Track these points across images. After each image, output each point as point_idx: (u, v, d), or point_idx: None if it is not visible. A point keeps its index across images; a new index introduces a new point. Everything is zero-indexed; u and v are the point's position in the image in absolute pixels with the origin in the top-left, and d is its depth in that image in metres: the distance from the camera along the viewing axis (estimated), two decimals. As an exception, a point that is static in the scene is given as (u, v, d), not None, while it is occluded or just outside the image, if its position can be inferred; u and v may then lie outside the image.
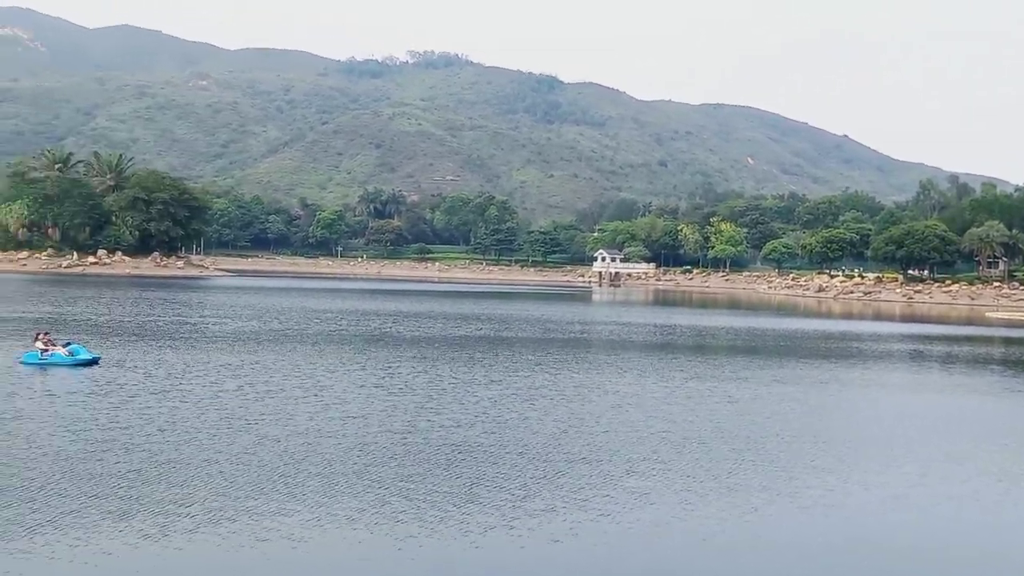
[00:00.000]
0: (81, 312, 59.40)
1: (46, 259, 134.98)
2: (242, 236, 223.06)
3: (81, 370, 31.64)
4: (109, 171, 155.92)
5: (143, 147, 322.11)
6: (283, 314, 63.80)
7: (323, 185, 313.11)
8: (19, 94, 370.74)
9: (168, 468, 18.60)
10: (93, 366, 32.42)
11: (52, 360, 32.31)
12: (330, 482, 17.95)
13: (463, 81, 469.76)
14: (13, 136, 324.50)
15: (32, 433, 21.49)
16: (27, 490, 16.60)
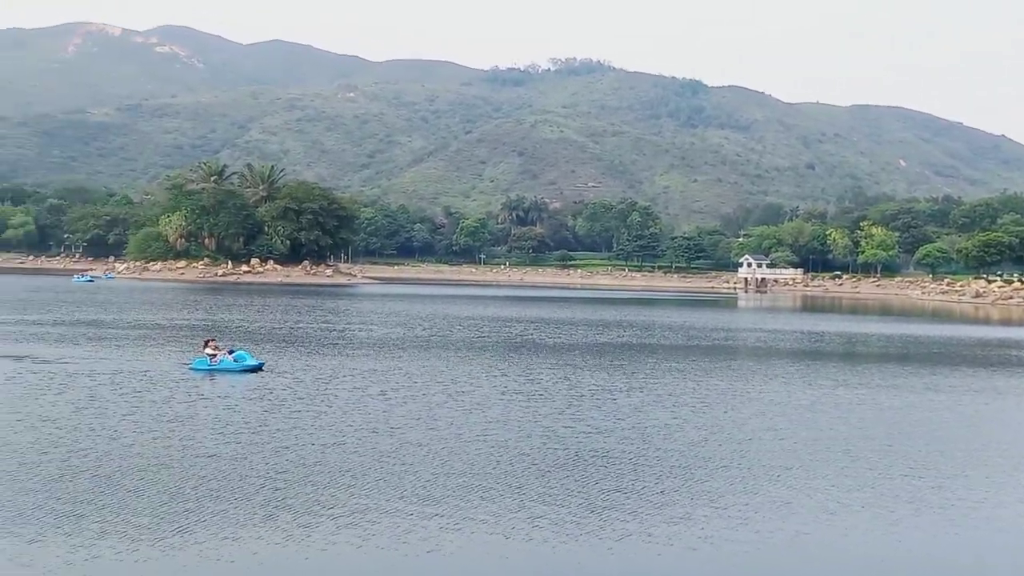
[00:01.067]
0: (234, 319, 61.46)
1: (203, 268, 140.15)
2: (388, 245, 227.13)
3: (246, 376, 32.71)
4: (261, 182, 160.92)
5: (294, 158, 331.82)
6: (427, 321, 64.72)
7: (466, 193, 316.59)
8: (178, 109, 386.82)
9: (314, 471, 19.09)
10: (257, 372, 33.46)
11: (220, 366, 33.45)
12: (469, 486, 18.11)
13: (605, 87, 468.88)
14: (173, 150, 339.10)
15: (193, 435, 22.35)
16: (182, 490, 17.26)
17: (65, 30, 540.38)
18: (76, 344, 41.82)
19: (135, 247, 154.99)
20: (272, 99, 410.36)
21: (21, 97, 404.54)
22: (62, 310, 64.77)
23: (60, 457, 19.64)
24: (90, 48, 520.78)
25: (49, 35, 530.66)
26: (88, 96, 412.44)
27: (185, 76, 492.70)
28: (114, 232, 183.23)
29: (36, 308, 65.93)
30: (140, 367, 34.27)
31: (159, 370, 33.66)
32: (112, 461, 19.41)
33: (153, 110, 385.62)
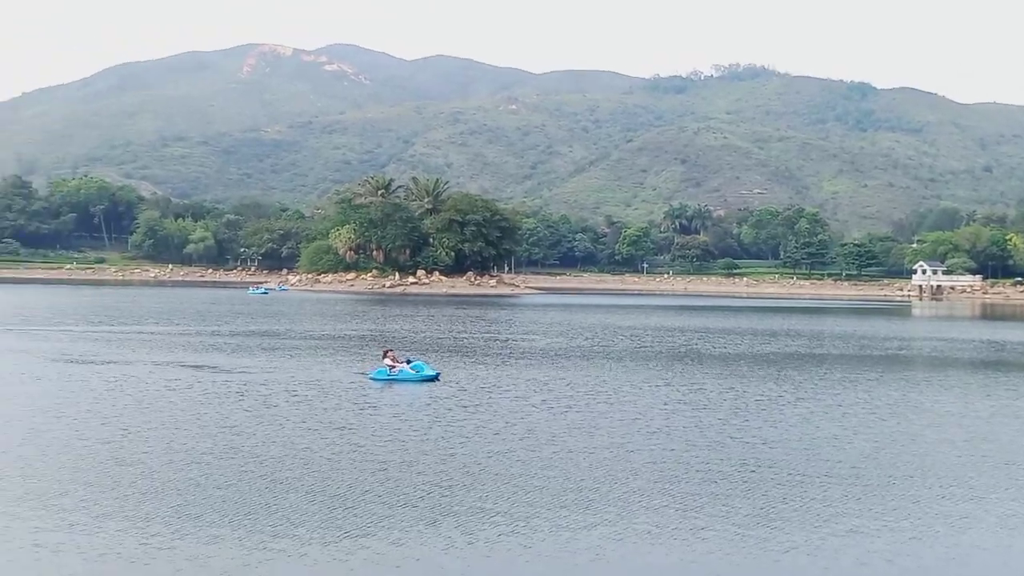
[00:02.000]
0: (400, 329, 62.79)
1: (371, 279, 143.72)
2: (551, 255, 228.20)
3: (423, 385, 33.32)
4: (426, 195, 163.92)
5: (457, 171, 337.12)
6: (589, 330, 64.68)
7: (628, 202, 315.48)
8: (346, 125, 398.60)
9: (478, 478, 19.32)
10: (433, 382, 33.95)
11: (400, 376, 34.09)
12: (632, 496, 18.00)
13: (769, 92, 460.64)
14: (342, 165, 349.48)
15: (364, 443, 22.91)
16: (353, 495, 17.72)
17: (241, 52, 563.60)
18: (252, 354, 43.44)
19: (307, 260, 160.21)
20: (436, 113, 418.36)
21: (201, 117, 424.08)
22: (238, 321, 67.41)
23: (238, 463, 20.42)
24: (264, 69, 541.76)
25: (226, 57, 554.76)
26: (263, 115, 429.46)
27: (353, 93, 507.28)
28: (287, 245, 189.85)
29: (214, 319, 68.80)
30: (317, 377, 35.25)
31: (336, 380, 34.57)
32: (287, 467, 20.07)
33: (323, 127, 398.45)
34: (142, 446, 21.97)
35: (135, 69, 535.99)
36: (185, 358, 41.08)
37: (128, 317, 69.67)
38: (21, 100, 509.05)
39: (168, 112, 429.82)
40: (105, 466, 19.94)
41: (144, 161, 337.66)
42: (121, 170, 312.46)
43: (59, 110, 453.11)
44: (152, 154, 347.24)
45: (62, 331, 55.02)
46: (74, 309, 79.29)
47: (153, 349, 45.03)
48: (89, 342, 48.26)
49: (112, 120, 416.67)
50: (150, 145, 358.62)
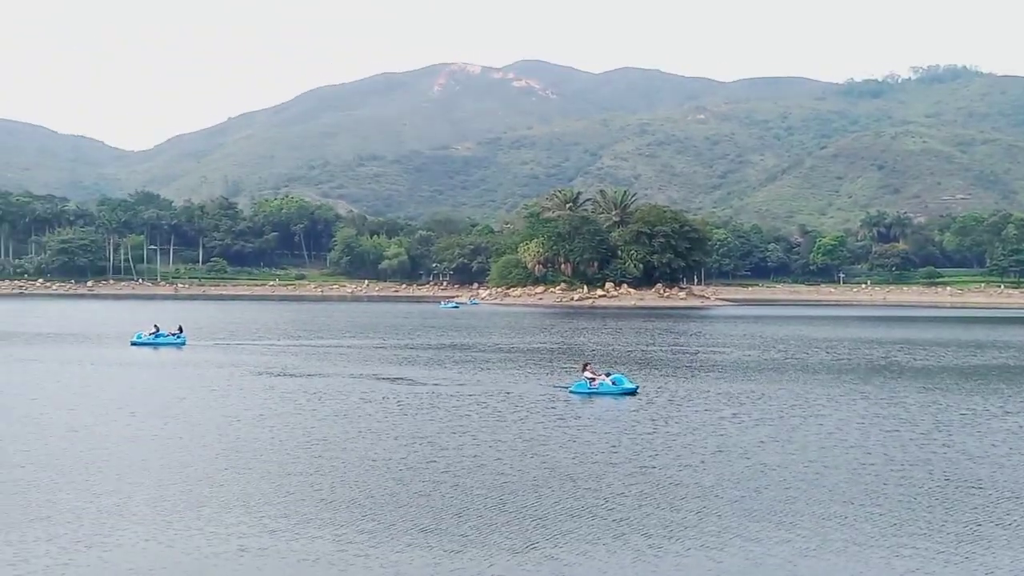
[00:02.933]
0: (588, 342, 62.82)
1: (560, 292, 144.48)
2: (741, 265, 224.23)
3: (624, 399, 33.18)
4: (614, 207, 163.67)
5: (645, 182, 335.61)
6: (782, 342, 63.16)
7: (822, 211, 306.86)
8: (534, 140, 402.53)
9: (668, 491, 19.13)
10: (633, 395, 33.78)
11: (600, 390, 34.04)
12: (826, 511, 17.45)
13: (972, 93, 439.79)
14: (529, 179, 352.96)
15: (553, 455, 23.03)
16: (540, 508, 17.79)
17: (431, 72, 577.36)
18: (444, 367, 44.28)
19: (497, 274, 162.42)
20: (623, 125, 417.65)
21: (394, 136, 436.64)
22: (430, 335, 68.88)
23: (431, 473, 20.81)
24: (454, 87, 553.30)
25: (417, 77, 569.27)
26: (452, 132, 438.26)
27: (540, 108, 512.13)
28: (477, 260, 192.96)
29: (407, 333, 70.52)
30: (508, 389, 35.60)
31: (530, 392, 34.81)
32: (478, 478, 20.36)
33: (511, 142, 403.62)
34: (340, 456, 22.67)
35: (331, 92, 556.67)
36: (380, 371, 42.21)
37: (326, 331, 72.20)
38: (227, 125, 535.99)
39: (362, 132, 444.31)
40: (305, 475, 20.66)
41: (340, 180, 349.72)
42: (319, 189, 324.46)
43: (261, 133, 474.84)
44: (347, 173, 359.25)
45: (266, 345, 57.47)
46: (276, 324, 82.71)
47: (350, 362, 46.47)
48: (290, 356, 50.22)
49: (310, 141, 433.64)
50: (346, 165, 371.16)
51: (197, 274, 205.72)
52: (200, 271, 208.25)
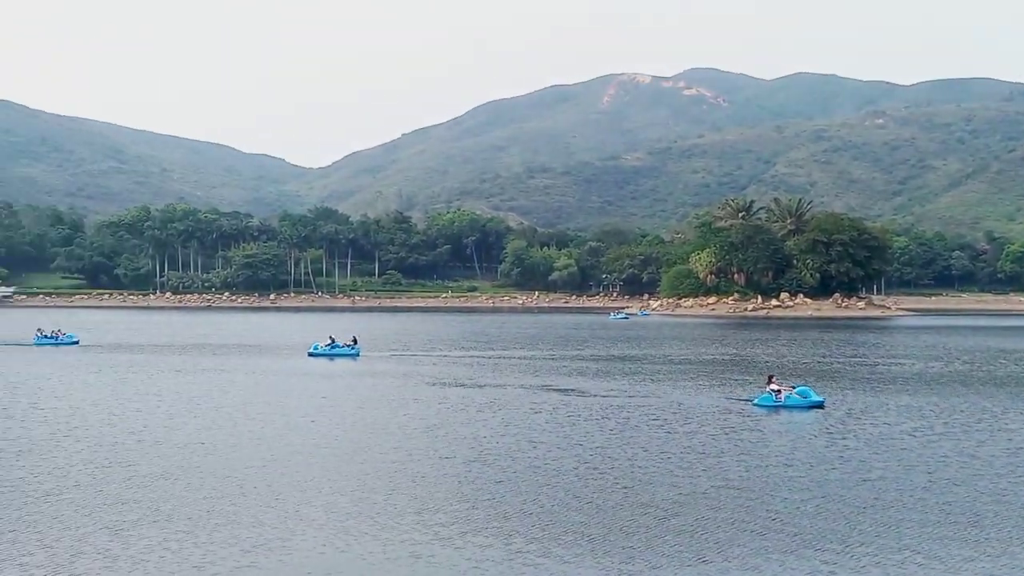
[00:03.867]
0: (761, 354, 61.48)
1: (732, 303, 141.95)
2: (924, 274, 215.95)
3: (811, 412, 32.41)
4: (789, 216, 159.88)
5: (821, 190, 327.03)
6: (967, 354, 60.45)
7: (1011, 216, 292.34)
8: (705, 149, 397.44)
9: (846, 506, 18.58)
10: (820, 408, 32.94)
11: (787, 402, 33.33)
12: (1016, 532, 16.63)
13: None
14: (700, 188, 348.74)
15: (729, 466, 22.65)
16: (710, 521, 17.50)
17: (601, 83, 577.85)
18: (614, 378, 44.09)
19: (667, 284, 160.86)
20: (797, 132, 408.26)
21: (564, 148, 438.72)
22: (600, 346, 68.71)
23: (600, 484, 20.75)
24: (623, 97, 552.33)
25: (587, 89, 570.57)
26: (622, 142, 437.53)
27: (711, 116, 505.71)
28: (648, 271, 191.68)
29: (576, 344, 70.53)
30: (687, 402, 35.19)
31: (707, 405, 34.35)
32: (647, 489, 20.20)
33: (681, 151, 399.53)
34: (511, 465, 22.83)
35: (502, 106, 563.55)
36: (550, 382, 42.32)
37: (497, 342, 72.90)
38: (401, 141, 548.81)
39: (533, 145, 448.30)
40: (476, 484, 20.90)
41: (511, 193, 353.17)
42: (490, 202, 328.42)
43: (434, 148, 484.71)
44: (518, 186, 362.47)
45: (438, 356, 58.42)
46: (448, 335, 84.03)
47: (520, 373, 46.78)
48: (462, 366, 50.91)
49: (481, 155, 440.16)
50: (516, 177, 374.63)
51: (373, 286, 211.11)
52: (376, 283, 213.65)
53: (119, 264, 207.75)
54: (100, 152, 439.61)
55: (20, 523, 17.43)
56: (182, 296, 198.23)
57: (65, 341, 68.10)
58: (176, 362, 54.00)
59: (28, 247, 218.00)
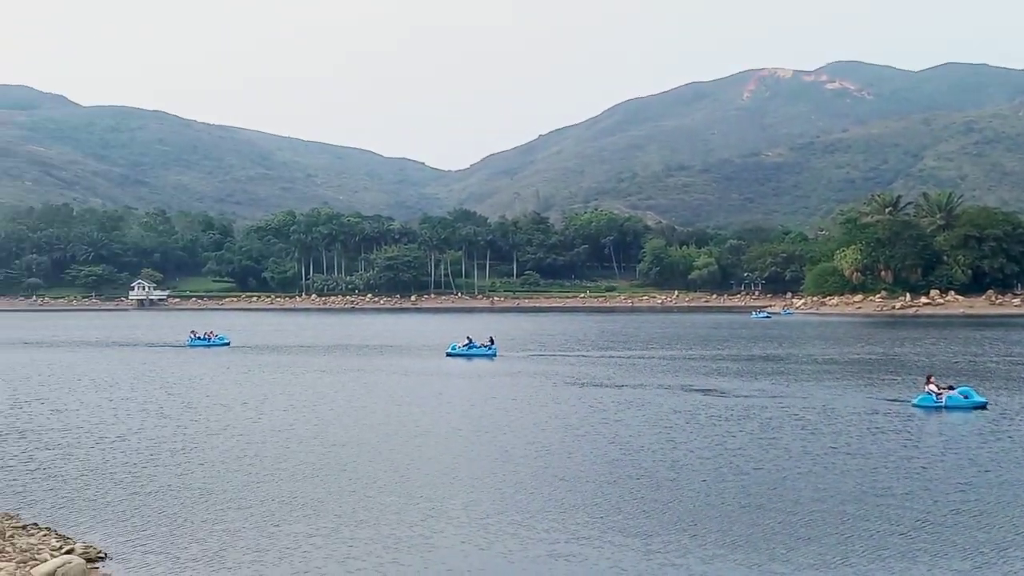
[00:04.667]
0: (908, 353, 59.57)
1: (879, 301, 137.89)
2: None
3: (973, 413, 31.37)
4: (938, 211, 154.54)
5: (972, 183, 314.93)
6: None
7: None
8: (849, 143, 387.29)
9: (1000, 510, 17.99)
10: (982, 410, 31.82)
11: (947, 403, 32.23)
12: None
13: None
14: (845, 184, 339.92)
15: (876, 470, 22.03)
16: (855, 523, 17.06)
17: (740, 78, 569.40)
18: (755, 378, 43.38)
19: (811, 282, 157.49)
20: (946, 124, 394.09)
21: (702, 145, 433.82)
22: (740, 345, 67.65)
23: (739, 485, 20.44)
24: (763, 93, 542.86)
25: (725, 85, 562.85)
26: (762, 138, 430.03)
27: (856, 109, 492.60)
28: (790, 269, 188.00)
29: (716, 344, 69.58)
30: (834, 403, 34.29)
31: (856, 405, 33.42)
32: (787, 490, 19.83)
33: (824, 146, 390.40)
34: (649, 465, 22.72)
35: (639, 104, 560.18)
36: (689, 382, 41.87)
37: (635, 342, 72.50)
38: (538, 142, 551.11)
39: (670, 143, 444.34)
40: (614, 483, 20.85)
41: (649, 192, 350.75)
42: (627, 201, 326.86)
43: (571, 149, 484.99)
44: (656, 184, 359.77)
45: (575, 356, 58.42)
46: (585, 335, 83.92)
47: (659, 373, 46.41)
48: (599, 366, 50.81)
49: (618, 154, 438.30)
50: (654, 176, 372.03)
51: (511, 287, 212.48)
52: (514, 284, 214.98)
53: (266, 267, 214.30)
54: (248, 159, 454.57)
55: (175, 518, 18.11)
56: (326, 298, 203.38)
57: (217, 343, 70.62)
58: (320, 363, 55.37)
59: (181, 252, 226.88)
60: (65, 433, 28.20)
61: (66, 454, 24.71)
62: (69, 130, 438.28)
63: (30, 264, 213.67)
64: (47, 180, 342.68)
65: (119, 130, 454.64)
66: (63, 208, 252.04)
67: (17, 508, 18.72)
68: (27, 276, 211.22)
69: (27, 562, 14.08)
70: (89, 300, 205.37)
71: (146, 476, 21.90)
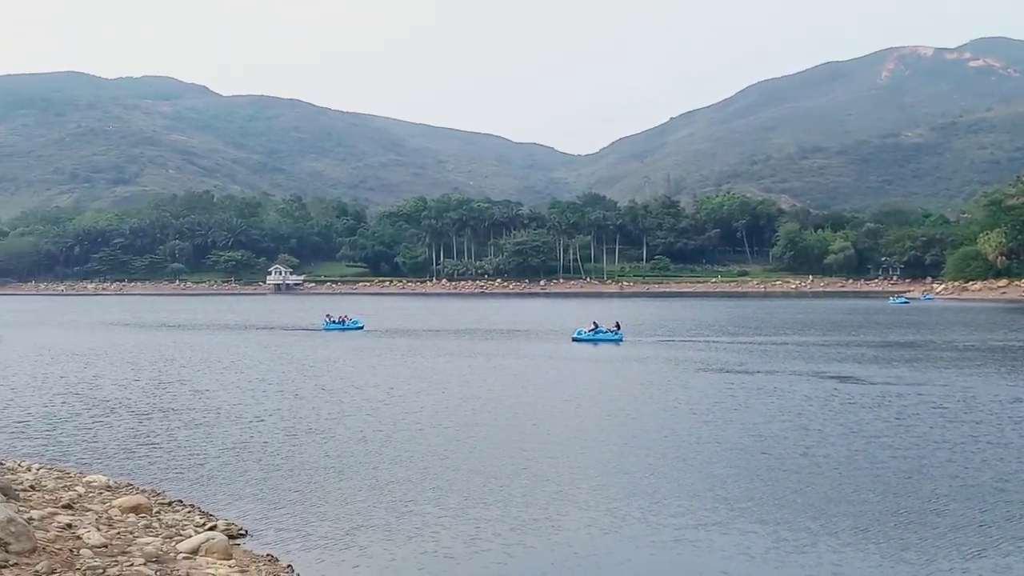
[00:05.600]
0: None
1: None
2: None
3: None
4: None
5: None
6: None
7: None
8: (994, 123, 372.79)
9: None
10: None
11: None
12: None
13: None
14: (989, 165, 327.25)
15: (1001, 460, 21.36)
16: (992, 512, 16.58)
17: (878, 57, 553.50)
18: (892, 365, 42.35)
19: (953, 267, 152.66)
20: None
21: (838, 127, 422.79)
22: (877, 331, 66.02)
23: (873, 474, 20.06)
24: (903, 71, 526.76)
25: (863, 64, 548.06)
26: (902, 119, 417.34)
27: (1001, 88, 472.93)
28: (931, 253, 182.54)
29: (852, 330, 68.05)
30: (982, 390, 33.29)
31: (996, 394, 32.39)
32: (922, 480, 19.35)
33: (967, 127, 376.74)
34: (779, 452, 22.43)
35: (773, 85, 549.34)
36: (823, 368, 41.06)
37: (767, 328, 71.38)
38: (669, 125, 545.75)
39: (805, 124, 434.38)
40: (742, 470, 20.67)
41: (783, 175, 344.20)
42: (760, 184, 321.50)
43: (703, 131, 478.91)
44: (790, 167, 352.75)
45: (703, 341, 57.81)
46: (715, 320, 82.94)
47: (791, 359, 45.63)
48: (729, 352, 50.22)
49: (751, 136, 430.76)
50: (788, 158, 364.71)
51: (641, 272, 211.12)
52: (644, 269, 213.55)
53: (398, 252, 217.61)
54: (380, 146, 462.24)
55: (309, 496, 18.61)
56: (456, 283, 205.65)
57: (351, 326, 72.12)
58: (450, 346, 56.08)
59: (316, 237, 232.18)
60: (205, 412, 29.24)
61: (206, 433, 25.61)
62: (210, 119, 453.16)
63: (173, 250, 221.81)
64: (189, 168, 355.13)
65: (257, 119, 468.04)
66: (204, 195, 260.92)
67: (162, 485, 19.49)
68: (170, 261, 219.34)
69: (172, 537, 14.65)
70: (228, 284, 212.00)
71: (282, 455, 22.56)
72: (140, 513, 16.09)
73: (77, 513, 15.38)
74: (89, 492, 17.62)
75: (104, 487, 18.33)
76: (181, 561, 13.15)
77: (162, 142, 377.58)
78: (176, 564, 12.94)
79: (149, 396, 33.30)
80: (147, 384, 36.86)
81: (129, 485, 19.08)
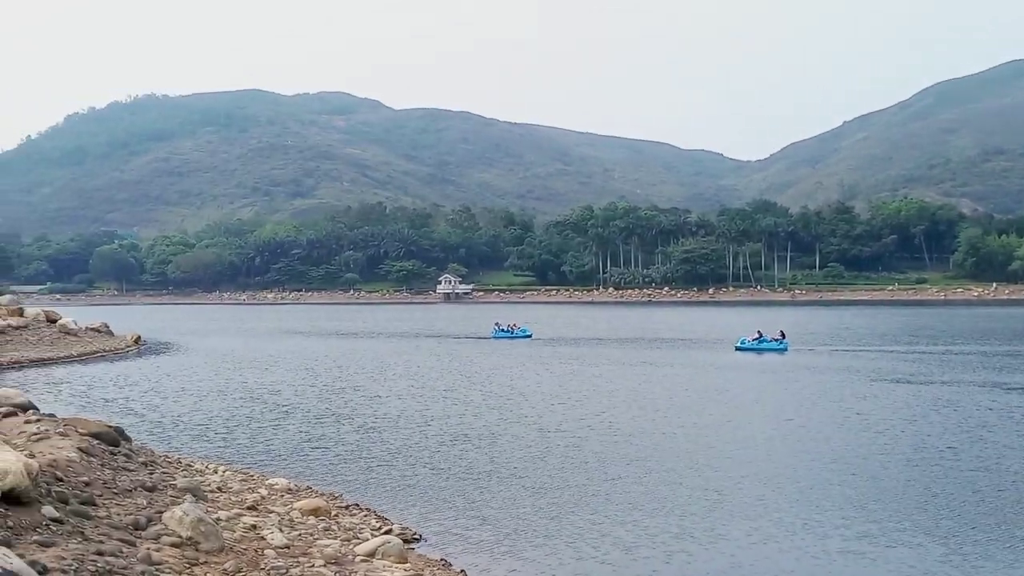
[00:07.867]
0: None
1: None
2: None
3: None
4: None
5: None
6: None
7: None
8: None
9: None
10: None
11: None
12: None
13: None
14: None
15: None
16: None
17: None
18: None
19: None
20: None
21: (1023, 128, 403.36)
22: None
23: None
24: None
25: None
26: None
27: None
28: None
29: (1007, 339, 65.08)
30: None
31: None
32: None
33: None
34: (953, 464, 21.81)
35: (953, 86, 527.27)
36: (1005, 380, 39.51)
37: (945, 337, 68.88)
38: (842, 129, 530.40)
39: (987, 126, 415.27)
40: (912, 483, 20.21)
41: (963, 178, 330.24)
42: (939, 189, 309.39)
43: (878, 135, 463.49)
44: (971, 170, 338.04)
45: (876, 351, 56.24)
46: (888, 329, 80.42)
47: (970, 369, 44.04)
48: (902, 362, 48.73)
49: (930, 139, 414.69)
50: (968, 161, 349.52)
51: (814, 279, 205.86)
52: (816, 276, 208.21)
53: (565, 261, 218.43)
54: (547, 156, 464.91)
55: (476, 502, 19.10)
56: (623, 291, 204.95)
57: (519, 335, 73.04)
58: (615, 355, 56.21)
59: (484, 247, 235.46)
60: (377, 418, 30.27)
61: (379, 438, 26.53)
62: (382, 132, 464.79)
63: (348, 260, 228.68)
64: (363, 180, 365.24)
65: (427, 131, 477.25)
66: (377, 207, 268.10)
67: (338, 488, 20.36)
68: (345, 271, 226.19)
69: (350, 540, 15.31)
70: (400, 293, 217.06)
71: (449, 460, 23.19)
72: (319, 516, 16.86)
73: (261, 514, 16.25)
74: (272, 494, 18.53)
75: (285, 490, 19.23)
76: (359, 563, 13.68)
77: (337, 156, 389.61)
78: (354, 566, 13.49)
79: (324, 401, 34.66)
80: (322, 390, 38.36)
81: (308, 488, 19.97)
